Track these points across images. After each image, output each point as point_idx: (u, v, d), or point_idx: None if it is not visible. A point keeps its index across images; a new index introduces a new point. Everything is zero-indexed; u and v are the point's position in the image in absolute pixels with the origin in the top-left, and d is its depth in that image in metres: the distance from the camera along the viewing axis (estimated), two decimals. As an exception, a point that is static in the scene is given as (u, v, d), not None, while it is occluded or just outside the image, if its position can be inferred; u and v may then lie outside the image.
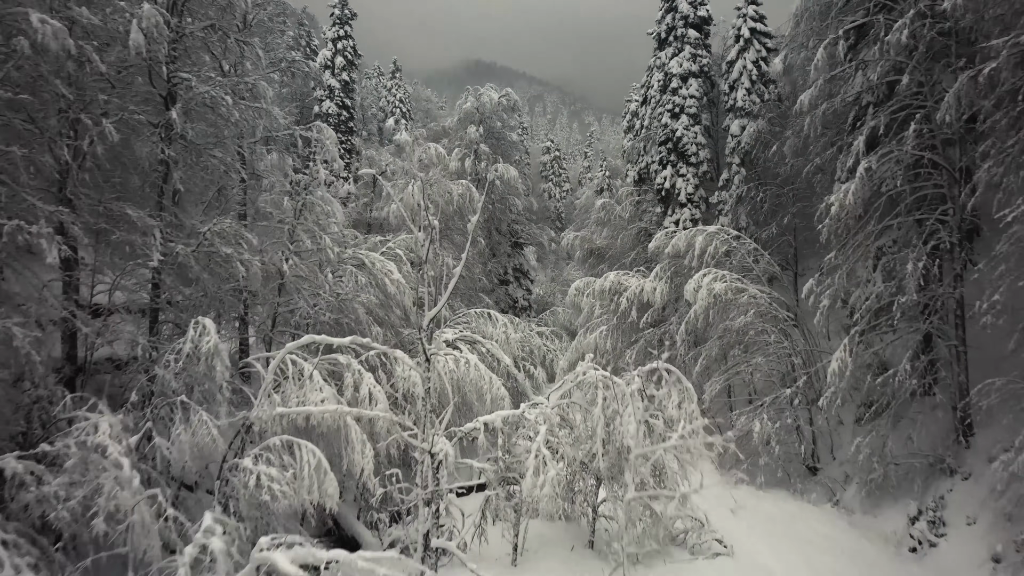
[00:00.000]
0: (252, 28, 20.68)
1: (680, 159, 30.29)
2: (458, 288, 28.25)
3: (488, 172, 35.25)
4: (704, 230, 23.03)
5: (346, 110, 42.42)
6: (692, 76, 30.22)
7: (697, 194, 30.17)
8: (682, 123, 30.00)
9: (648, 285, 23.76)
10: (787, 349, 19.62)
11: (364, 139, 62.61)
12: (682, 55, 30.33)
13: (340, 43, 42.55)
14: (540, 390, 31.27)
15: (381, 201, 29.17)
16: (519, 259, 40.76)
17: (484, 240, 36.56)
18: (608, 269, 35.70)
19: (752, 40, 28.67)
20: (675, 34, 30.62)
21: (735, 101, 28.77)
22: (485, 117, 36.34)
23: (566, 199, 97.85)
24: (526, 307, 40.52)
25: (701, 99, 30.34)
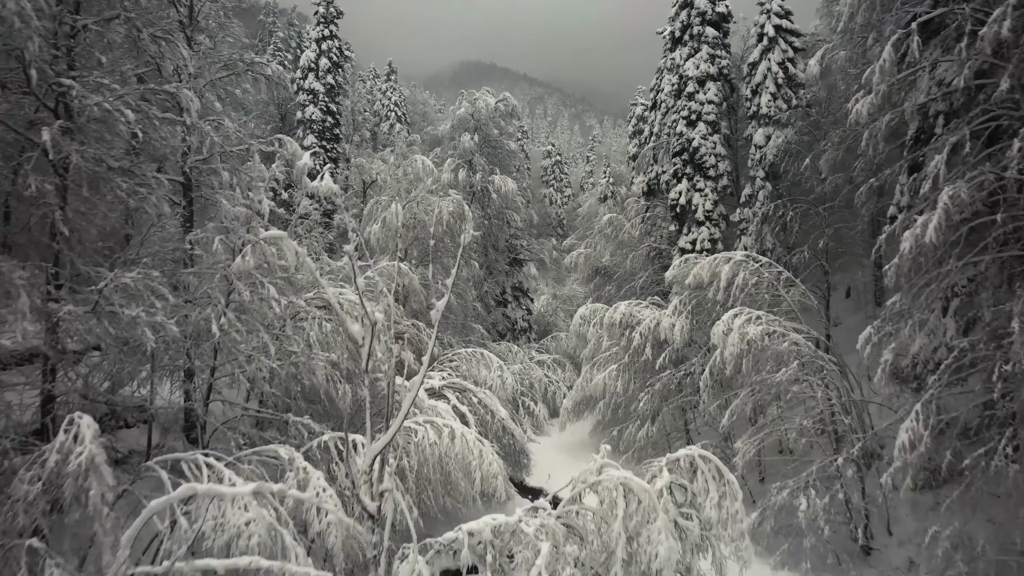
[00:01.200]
0: (199, 23, 17.55)
1: (697, 172, 27.14)
2: (447, 318, 25.15)
3: (484, 184, 32.15)
4: (730, 257, 19.91)
5: (331, 116, 39.30)
6: (710, 79, 27.08)
7: (716, 211, 27.02)
8: (699, 132, 26.85)
9: (666, 321, 20.60)
10: (833, 404, 16.46)
11: (356, 144, 59.60)
12: (699, 56, 27.19)
13: (325, 44, 39.45)
14: (541, 429, 28.15)
15: (363, 220, 26.12)
16: (518, 277, 37.66)
17: (479, 259, 33.50)
18: (616, 291, 32.60)
19: (777, 39, 25.54)
20: (691, 32, 27.48)
21: (758, 107, 25.65)
22: (481, 124, 33.22)
23: (568, 205, 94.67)
24: (526, 328, 37.43)
25: (720, 105, 27.20)
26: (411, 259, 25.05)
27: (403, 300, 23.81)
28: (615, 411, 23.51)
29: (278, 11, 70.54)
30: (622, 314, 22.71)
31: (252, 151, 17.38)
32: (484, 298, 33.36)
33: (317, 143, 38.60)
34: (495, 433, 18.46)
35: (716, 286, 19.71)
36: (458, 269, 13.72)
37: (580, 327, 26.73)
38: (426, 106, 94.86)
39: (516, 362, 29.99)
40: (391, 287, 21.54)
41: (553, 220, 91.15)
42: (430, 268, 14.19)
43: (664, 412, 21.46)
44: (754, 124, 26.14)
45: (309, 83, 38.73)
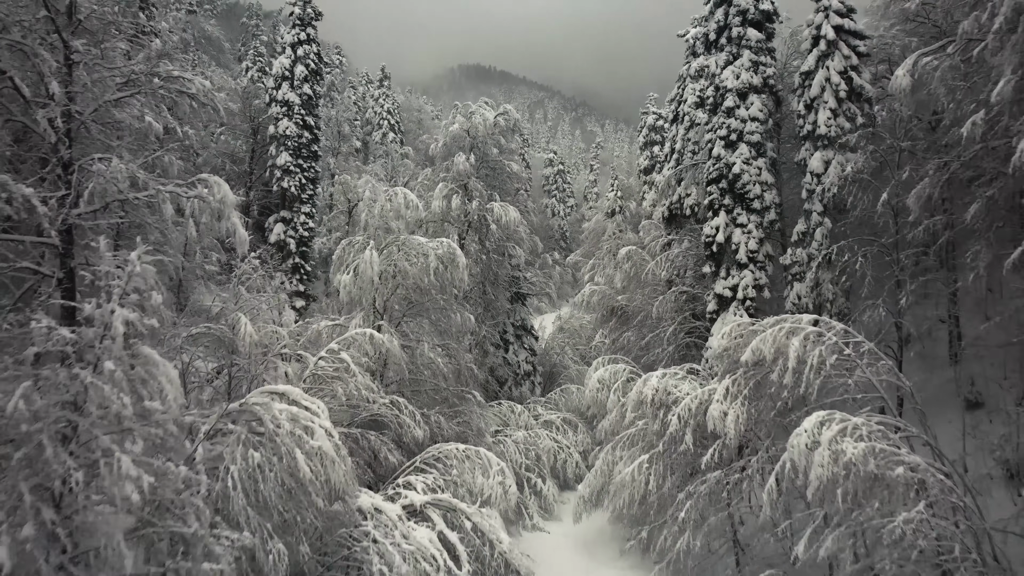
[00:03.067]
0: (82, 23, 12.90)
1: (738, 203, 22.48)
2: (437, 389, 20.47)
3: (481, 212, 27.49)
4: (801, 327, 15.26)
5: (308, 130, 34.65)
6: (753, 91, 22.44)
7: (762, 251, 22.36)
8: (740, 155, 22.20)
9: (716, 409, 15.91)
10: (971, 554, 11.77)
11: (345, 156, 54.94)
12: (739, 63, 22.54)
13: (301, 49, 34.81)
14: (551, 511, 23.49)
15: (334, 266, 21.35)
16: (521, 314, 33.01)
17: (476, 297, 28.88)
18: (637, 338, 27.95)
19: (838, 43, 20.90)
20: (729, 35, 22.83)
21: (815, 126, 21.02)
22: (477, 143, 28.59)
23: (571, 216, 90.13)
24: (530, 372, 32.77)
25: (765, 122, 22.54)
26: (391, 312, 20.40)
27: (380, 370, 19.19)
28: (644, 502, 18.86)
29: (262, 14, 66.00)
30: (654, 390, 18.03)
31: (161, 199, 12.72)
32: (482, 343, 28.73)
33: (292, 161, 33.96)
34: (495, 572, 13.78)
35: (782, 365, 15.12)
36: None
37: (598, 393, 22.09)
38: (421, 113, 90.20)
39: (519, 426, 25.35)
40: (362, 360, 16.99)
41: (556, 232, 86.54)
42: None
43: (711, 519, 16.81)
44: (808, 146, 21.50)
45: (283, 94, 34.09)
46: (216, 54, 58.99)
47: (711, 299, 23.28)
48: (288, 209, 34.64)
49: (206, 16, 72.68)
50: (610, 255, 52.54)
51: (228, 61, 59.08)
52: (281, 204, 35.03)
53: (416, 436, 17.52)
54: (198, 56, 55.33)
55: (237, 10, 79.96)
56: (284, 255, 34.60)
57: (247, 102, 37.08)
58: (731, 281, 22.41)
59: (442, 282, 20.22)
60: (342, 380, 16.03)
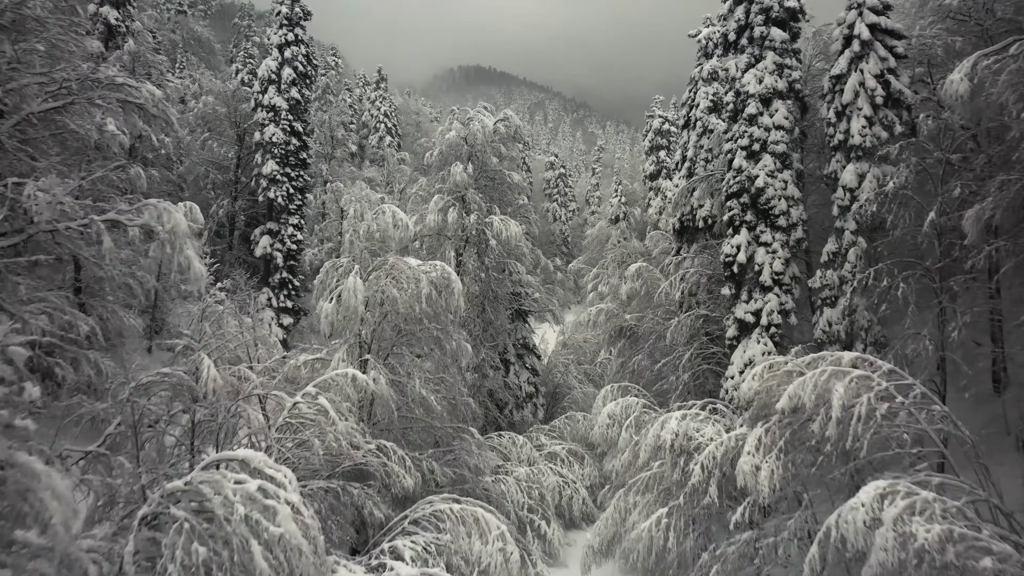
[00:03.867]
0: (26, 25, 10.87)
1: (762, 220, 20.46)
2: (428, 429, 18.47)
3: (480, 226, 25.48)
4: (843, 368, 13.31)
5: (296, 137, 32.63)
6: (777, 96, 20.41)
7: (788, 273, 20.33)
8: (764, 167, 20.17)
9: (746, 462, 13.87)
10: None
11: (337, 161, 52.91)
12: (762, 66, 20.51)
13: (288, 50, 32.80)
14: (556, 557, 21.45)
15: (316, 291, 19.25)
16: (522, 332, 31.01)
17: (474, 318, 26.90)
18: (648, 362, 25.92)
19: (873, 43, 18.90)
20: (751, 35, 20.80)
21: (847, 135, 19.02)
22: (476, 151, 26.58)
23: (572, 220, 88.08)
24: (532, 394, 30.75)
25: (791, 131, 20.52)
26: (380, 343, 18.39)
27: (366, 409, 17.18)
28: (662, 560, 16.83)
29: (255, 15, 63.99)
30: (673, 434, 16.01)
31: (97, 231, 10.72)
32: (481, 366, 26.72)
33: (279, 170, 31.95)
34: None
35: (824, 415, 13.15)
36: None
37: (608, 428, 20.06)
38: (420, 115, 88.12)
39: (521, 460, 23.34)
40: (343, 406, 15.00)
41: (557, 237, 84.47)
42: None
43: (739, 583, 14.79)
44: (839, 157, 19.50)
45: (269, 98, 32.08)
46: (206, 56, 57.05)
47: (731, 324, 21.25)
48: (275, 221, 32.65)
49: (197, 17, 70.79)
50: (615, 264, 50.59)
51: (219, 63, 57.14)
52: (268, 215, 33.03)
53: (406, 485, 15.51)
54: (186, 58, 53.42)
55: (231, 11, 77.87)
56: (270, 269, 32.61)
57: (233, 106, 35.05)
58: (754, 305, 20.38)
59: (436, 309, 18.18)
60: (320, 429, 14.02)
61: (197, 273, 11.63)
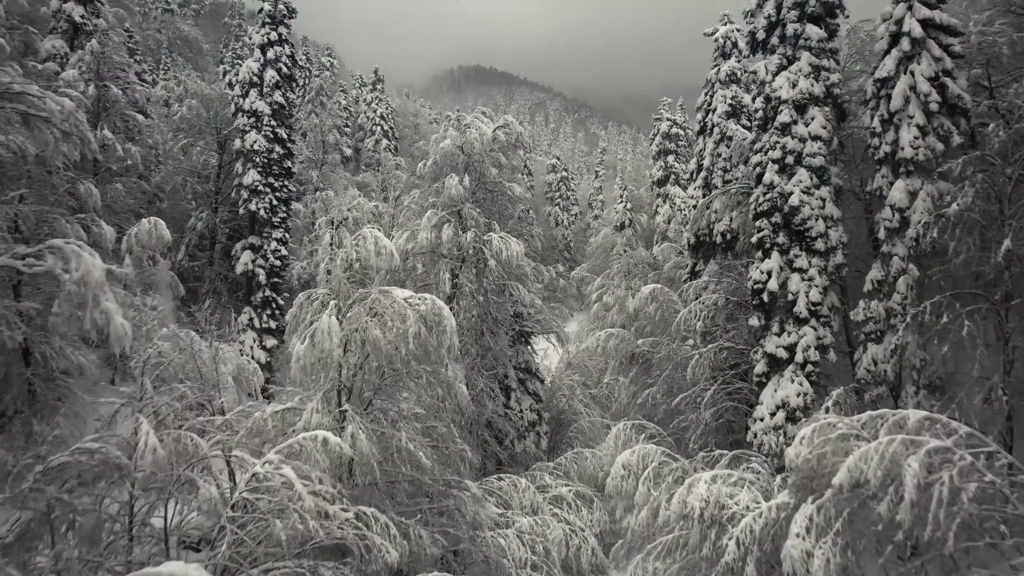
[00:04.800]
0: None
1: (796, 242, 18.06)
2: (412, 489, 16.11)
3: (478, 244, 23.08)
4: (912, 436, 11.08)
5: (280, 144, 30.23)
6: (814, 103, 18.01)
7: (827, 303, 17.92)
8: (799, 182, 17.77)
9: (794, 547, 11.48)
10: None
11: (330, 166, 50.53)
12: (796, 68, 18.11)
13: (271, 51, 30.41)
14: (563, 624, 19.04)
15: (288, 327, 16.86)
16: (524, 355, 28.58)
17: (472, 346, 24.58)
18: (663, 396, 23.52)
19: (926, 41, 16.51)
20: (783, 32, 18.40)
21: (896, 147, 16.65)
22: (473, 161, 24.18)
23: (575, 224, 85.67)
24: (535, 421, 28.32)
25: (829, 141, 18.10)
26: (361, 389, 15.99)
27: (346, 471, 14.80)
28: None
29: (245, 14, 61.50)
30: (702, 501, 13.63)
31: None
32: (479, 398, 24.36)
33: (261, 180, 29.55)
34: None
35: (894, 495, 10.87)
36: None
37: (622, 481, 17.65)
38: (418, 117, 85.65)
39: (523, 507, 20.90)
40: (312, 475, 12.66)
41: (560, 243, 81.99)
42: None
43: None
44: (886, 172, 17.13)
45: (250, 102, 29.68)
46: (193, 56, 54.65)
47: (759, 358, 18.86)
48: (257, 234, 30.26)
49: (187, 16, 68.40)
50: (621, 274, 48.30)
51: (207, 64, 54.74)
52: (250, 228, 30.64)
53: (390, 561, 13.13)
54: (172, 58, 51.06)
55: (223, 10, 75.44)
56: (252, 287, 30.22)
57: (214, 110, 32.63)
58: (787, 339, 17.98)
59: (426, 348, 15.80)
60: (283, 506, 11.67)
61: (117, 332, 9.28)
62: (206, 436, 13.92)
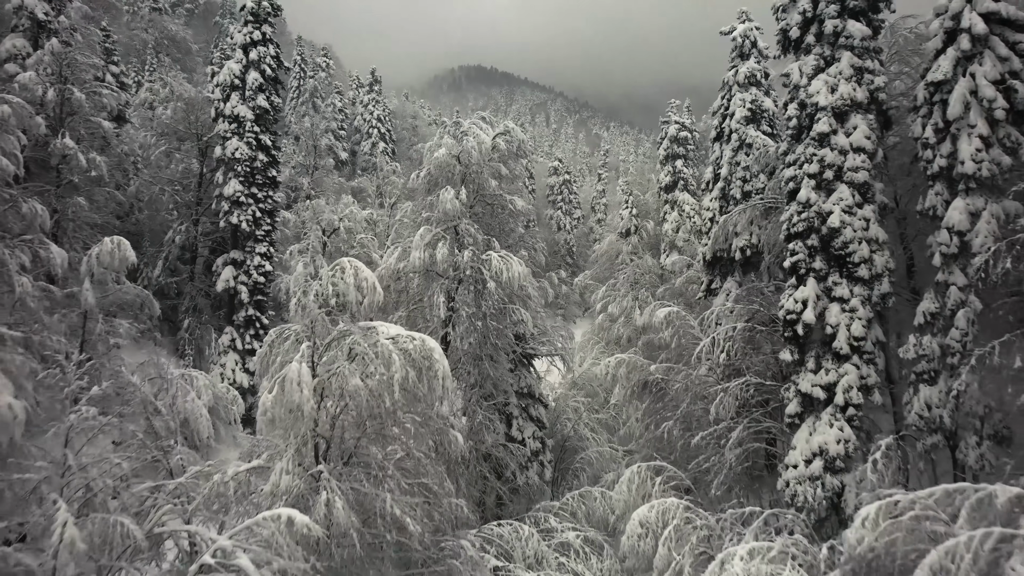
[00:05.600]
0: None
1: (835, 268, 15.93)
2: (398, 558, 14.00)
3: (476, 264, 20.96)
4: (1016, 532, 8.93)
5: (264, 151, 28.12)
6: (856, 109, 15.86)
7: (871, 337, 15.77)
8: (840, 200, 15.62)
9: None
10: None
11: (324, 171, 48.38)
12: (835, 70, 15.96)
13: (254, 51, 28.31)
14: None
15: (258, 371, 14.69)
16: (527, 379, 26.47)
17: (470, 367, 22.53)
18: (679, 431, 21.41)
19: (989, 38, 14.37)
20: (820, 30, 16.26)
21: (953, 161, 14.52)
22: (471, 172, 22.05)
23: (578, 229, 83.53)
24: (538, 451, 26.21)
25: (874, 154, 15.96)
26: (340, 441, 13.89)
27: (323, 543, 12.68)
28: None
29: (236, 13, 59.40)
30: (740, 583, 11.49)
31: None
32: (477, 431, 22.31)
33: (243, 190, 27.45)
34: None
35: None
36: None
37: (639, 540, 15.53)
38: (416, 119, 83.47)
39: (526, 559, 18.81)
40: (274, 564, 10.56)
41: (562, 248, 79.81)
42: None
43: None
44: (940, 189, 14.99)
45: (232, 107, 27.58)
46: (182, 57, 52.54)
47: (791, 396, 16.72)
48: (239, 249, 28.15)
49: (179, 16, 66.34)
50: (627, 284, 46.15)
51: (195, 64, 52.65)
52: (232, 242, 28.53)
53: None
54: (158, 59, 49.01)
55: (216, 10, 73.36)
56: (235, 306, 28.11)
57: (194, 115, 30.52)
58: (825, 377, 15.84)
59: (415, 395, 13.71)
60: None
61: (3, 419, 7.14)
62: (155, 508, 11.81)
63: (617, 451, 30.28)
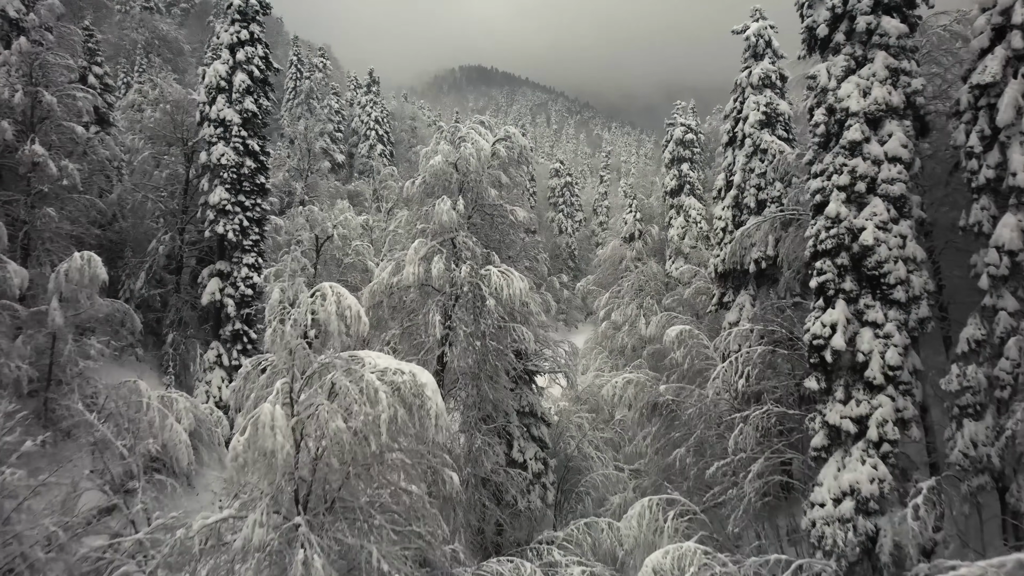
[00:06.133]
0: None
1: (868, 289, 14.51)
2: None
3: (474, 279, 19.56)
4: None
5: (251, 157, 26.70)
6: (892, 115, 14.43)
7: (908, 366, 14.34)
8: (873, 215, 14.21)
9: None
10: None
11: (321, 173, 47.01)
12: (867, 72, 14.54)
13: (241, 51, 26.89)
14: None
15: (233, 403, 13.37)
16: (528, 398, 25.07)
17: (468, 385, 21.19)
18: (693, 459, 20.01)
19: (1042, 38, 12.94)
20: (851, 27, 14.85)
21: (1002, 172, 13.14)
22: (469, 180, 20.66)
23: (580, 232, 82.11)
24: (540, 472, 24.80)
25: (911, 164, 14.53)
26: (324, 480, 12.47)
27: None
28: None
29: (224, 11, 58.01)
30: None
31: None
32: (476, 456, 20.96)
33: (229, 198, 26.04)
34: None
35: None
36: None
37: (653, 589, 14.13)
38: (416, 121, 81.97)
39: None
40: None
41: (563, 252, 78.42)
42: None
43: None
44: (987, 203, 13.57)
45: (218, 110, 26.16)
46: (173, 57, 51.15)
47: (817, 427, 15.30)
48: (226, 260, 26.72)
49: (174, 16, 64.95)
50: (632, 291, 44.74)
51: (187, 65, 51.24)
52: (218, 253, 27.11)
53: None
54: (148, 59, 47.63)
55: (211, 9, 71.91)
56: (221, 320, 26.70)
57: (179, 118, 29.11)
58: (855, 408, 14.41)
59: (405, 433, 12.31)
60: None
61: None
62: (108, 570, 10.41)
63: (623, 470, 28.87)
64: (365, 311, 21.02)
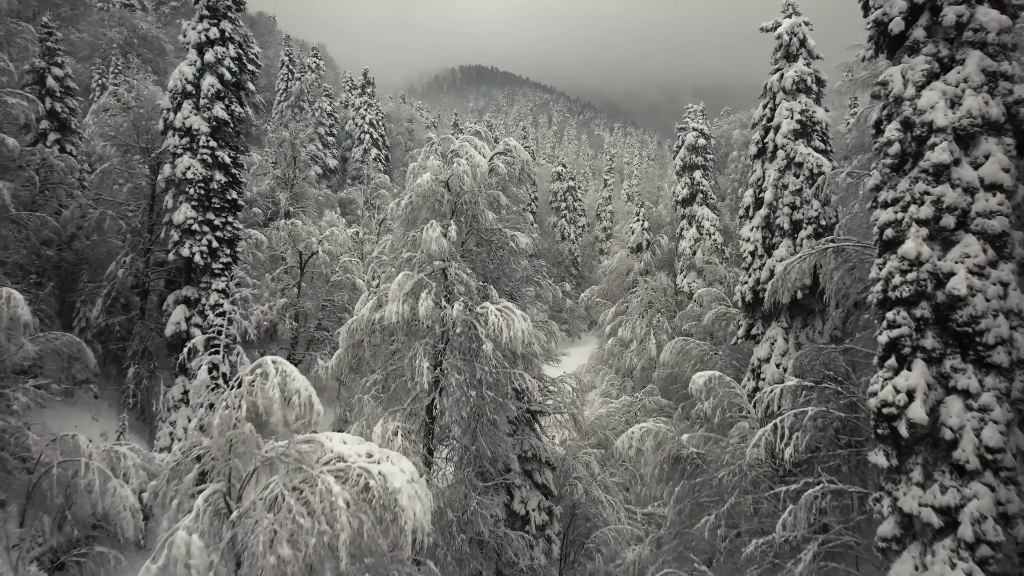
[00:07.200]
0: None
1: (956, 348, 11.63)
2: None
3: (470, 319, 16.68)
4: None
5: (222, 170, 23.81)
6: (989, 130, 11.56)
7: (1011, 446, 11.44)
8: (965, 257, 11.33)
9: None
10: None
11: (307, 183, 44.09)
12: (955, 77, 11.66)
13: (211, 52, 23.99)
14: None
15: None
16: (530, 441, 22.27)
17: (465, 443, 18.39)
18: (724, 528, 16.96)
19: None
20: (934, 20, 11.98)
21: None
22: (462, 202, 17.79)
23: (583, 237, 79.23)
24: (544, 524, 22.02)
25: (1013, 192, 11.64)
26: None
27: None
28: None
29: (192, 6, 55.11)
30: None
31: None
32: (471, 520, 18.14)
33: (196, 217, 23.16)
34: None
35: None
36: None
37: None
38: (413, 123, 78.92)
39: None
40: None
41: (566, 259, 75.50)
42: None
43: None
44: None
45: (183, 118, 23.26)
46: (154, 58, 48.27)
47: (886, 512, 12.45)
48: (193, 285, 23.86)
49: (158, 14, 62.05)
50: (642, 307, 41.93)
51: (168, 66, 48.33)
52: (185, 277, 24.24)
53: None
54: (125, 60, 44.79)
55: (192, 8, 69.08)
56: (189, 353, 23.79)
57: (143, 125, 26.21)
58: (942, 497, 11.55)
59: (373, 552, 9.45)
60: None
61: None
62: None
63: (635, 515, 26.11)
64: (344, 351, 18.10)
